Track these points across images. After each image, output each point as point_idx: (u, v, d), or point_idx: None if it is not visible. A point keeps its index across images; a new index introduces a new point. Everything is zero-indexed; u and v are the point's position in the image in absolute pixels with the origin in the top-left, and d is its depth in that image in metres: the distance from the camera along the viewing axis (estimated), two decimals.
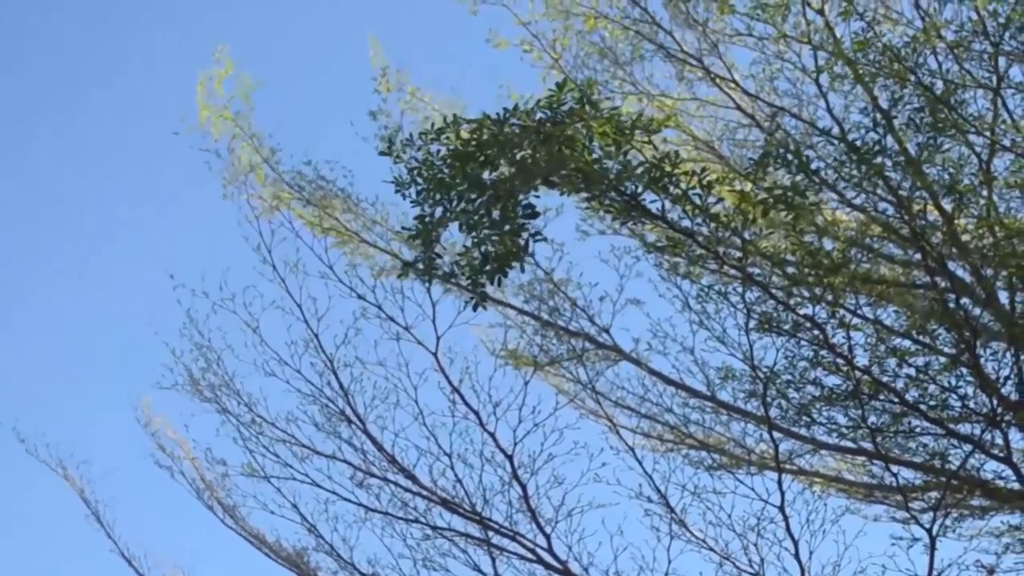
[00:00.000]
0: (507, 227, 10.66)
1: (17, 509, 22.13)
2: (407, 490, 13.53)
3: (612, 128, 10.73)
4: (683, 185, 11.01)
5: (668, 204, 11.20)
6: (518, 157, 10.65)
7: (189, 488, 14.87)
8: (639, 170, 10.83)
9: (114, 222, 26.54)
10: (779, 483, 12.56)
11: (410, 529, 13.54)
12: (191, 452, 14.76)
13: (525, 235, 10.82)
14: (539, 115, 10.83)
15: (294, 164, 15.93)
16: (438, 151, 10.91)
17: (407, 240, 12.10)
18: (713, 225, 11.55)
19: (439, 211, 10.89)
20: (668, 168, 10.84)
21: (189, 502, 14.81)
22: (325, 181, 15.86)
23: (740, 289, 12.60)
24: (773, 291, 12.67)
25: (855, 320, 13.20)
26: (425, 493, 13.44)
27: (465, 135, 10.82)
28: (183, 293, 14.04)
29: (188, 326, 14.17)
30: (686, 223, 11.63)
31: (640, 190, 10.99)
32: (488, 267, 10.85)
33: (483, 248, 10.73)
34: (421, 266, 11.22)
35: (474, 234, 10.78)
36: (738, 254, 12.17)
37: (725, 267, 12.61)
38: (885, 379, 13.17)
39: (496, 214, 10.66)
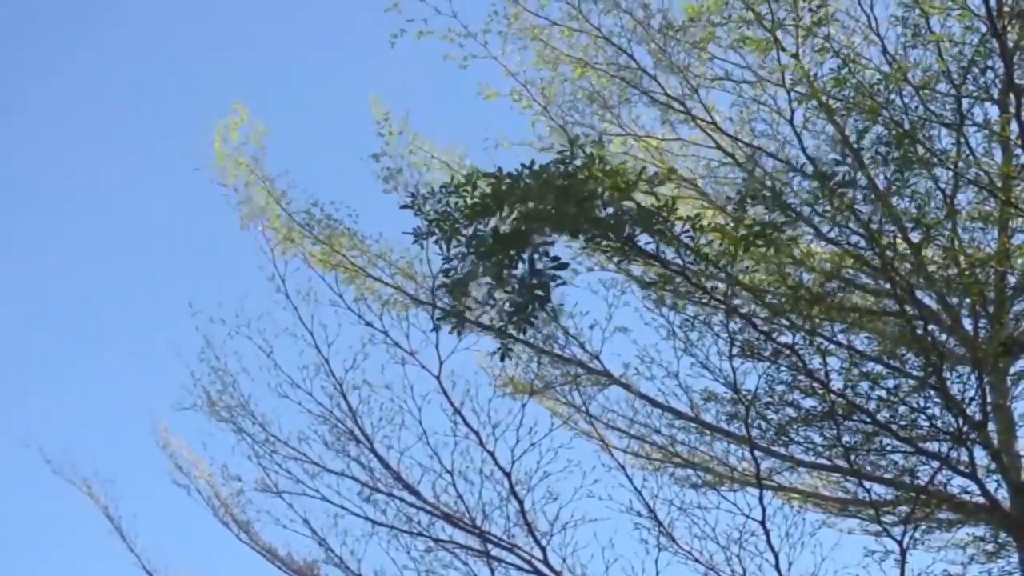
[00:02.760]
0: (535, 280, 10.94)
1: (45, 526, 22.43)
2: (411, 505, 13.78)
3: (620, 181, 11.12)
4: (677, 229, 11.47)
5: (662, 244, 11.69)
6: (530, 207, 10.96)
7: (205, 505, 15.14)
8: (639, 215, 11.28)
9: (136, 252, 26.90)
10: (760, 500, 12.82)
11: (414, 542, 13.75)
12: (207, 471, 15.03)
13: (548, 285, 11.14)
14: (552, 169, 11.16)
15: (304, 204, 16.28)
16: (456, 203, 11.20)
17: (437, 291, 12.30)
18: (703, 264, 12.10)
19: (466, 264, 11.25)
20: (666, 215, 11.27)
21: (206, 518, 15.12)
22: (332, 220, 16.15)
23: (723, 319, 12.82)
24: (755, 321, 12.97)
25: (830, 346, 13.49)
26: (428, 508, 13.69)
27: (483, 188, 11.09)
28: (201, 320, 14.56)
29: (206, 350, 14.63)
30: (677, 261, 12.08)
31: (637, 232, 11.50)
32: (515, 318, 11.20)
33: (510, 299, 11.03)
34: (453, 320, 11.65)
35: (502, 288, 11.08)
36: (723, 287, 12.56)
37: (712, 301, 13.11)
38: (858, 401, 13.38)
39: (523, 267, 10.96)
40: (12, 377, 25.21)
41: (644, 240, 11.53)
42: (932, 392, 13.44)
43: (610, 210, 11.18)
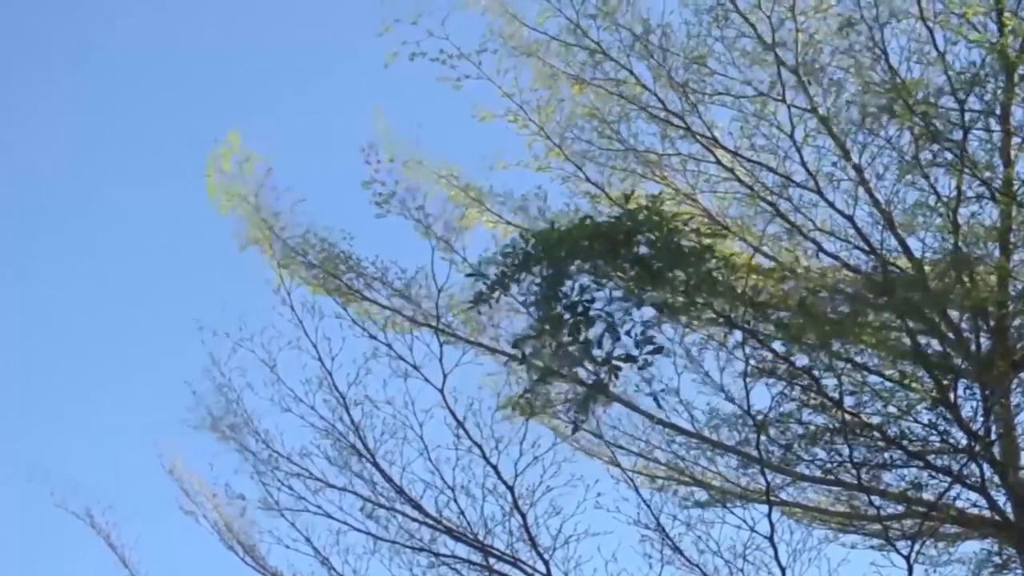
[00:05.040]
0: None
1: (48, 559, 22.16)
2: (414, 520, 13.79)
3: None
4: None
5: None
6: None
7: (211, 530, 15.03)
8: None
9: (137, 260, 26.77)
10: (769, 517, 12.85)
11: (417, 557, 13.77)
12: (211, 493, 14.95)
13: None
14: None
15: (299, 228, 16.08)
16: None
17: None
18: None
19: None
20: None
21: (211, 542, 15.02)
22: (328, 244, 15.99)
23: (739, 340, 12.80)
24: (771, 346, 12.95)
25: (846, 367, 13.56)
26: (431, 523, 13.69)
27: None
28: (206, 335, 14.50)
29: (211, 366, 14.55)
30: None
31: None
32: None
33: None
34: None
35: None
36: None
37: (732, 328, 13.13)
38: (869, 419, 13.48)
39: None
40: (10, 401, 24.99)
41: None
42: (943, 408, 13.46)
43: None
